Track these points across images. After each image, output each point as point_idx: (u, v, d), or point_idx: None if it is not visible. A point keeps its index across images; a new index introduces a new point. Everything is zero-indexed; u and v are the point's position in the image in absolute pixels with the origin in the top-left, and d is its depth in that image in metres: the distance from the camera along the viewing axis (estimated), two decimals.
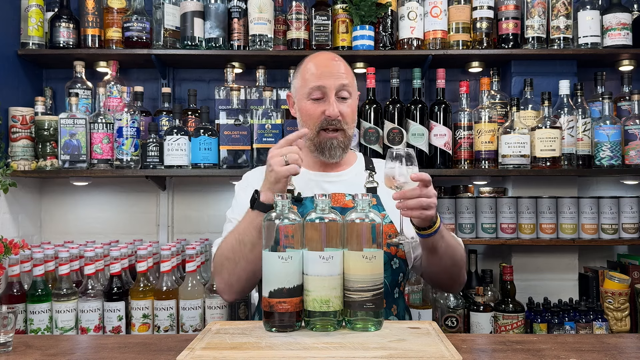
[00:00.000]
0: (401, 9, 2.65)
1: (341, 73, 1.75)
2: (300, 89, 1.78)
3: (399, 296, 1.76)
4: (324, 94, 1.73)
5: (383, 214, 1.73)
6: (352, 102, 1.77)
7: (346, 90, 1.74)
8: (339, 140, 1.74)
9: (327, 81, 1.72)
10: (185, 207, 2.94)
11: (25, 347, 1.40)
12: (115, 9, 2.63)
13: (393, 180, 1.49)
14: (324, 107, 1.72)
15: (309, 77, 1.75)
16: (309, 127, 1.75)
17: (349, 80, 1.76)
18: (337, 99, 1.73)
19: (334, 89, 1.72)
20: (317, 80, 1.73)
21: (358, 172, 1.84)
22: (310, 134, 1.75)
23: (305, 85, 1.76)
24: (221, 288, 1.69)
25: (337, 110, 1.71)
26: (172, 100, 2.80)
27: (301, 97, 1.77)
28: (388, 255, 1.68)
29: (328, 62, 1.78)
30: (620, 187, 2.93)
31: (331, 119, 1.71)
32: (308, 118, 1.75)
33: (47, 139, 2.55)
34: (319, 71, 1.74)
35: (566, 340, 1.43)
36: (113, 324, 2.25)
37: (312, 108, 1.74)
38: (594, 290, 2.64)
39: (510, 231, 2.65)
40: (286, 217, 1.38)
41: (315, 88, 1.73)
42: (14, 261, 2.15)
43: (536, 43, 2.62)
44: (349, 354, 1.20)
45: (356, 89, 1.82)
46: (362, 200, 1.39)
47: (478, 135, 2.59)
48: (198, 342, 1.29)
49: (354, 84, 1.81)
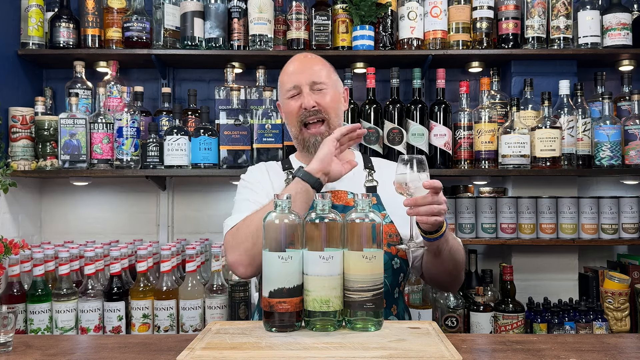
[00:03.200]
0: (401, 9, 2.65)
1: (314, 69, 1.82)
2: (280, 92, 1.88)
3: (399, 296, 1.76)
4: (299, 89, 1.79)
5: (383, 213, 1.73)
6: (330, 92, 1.80)
7: (320, 84, 1.79)
8: (323, 135, 1.77)
9: (299, 77, 1.79)
10: (185, 207, 2.94)
11: (25, 347, 1.40)
12: (115, 9, 2.63)
13: (405, 186, 1.48)
14: (301, 101, 1.78)
15: (285, 79, 1.85)
16: (292, 126, 1.83)
17: (323, 74, 1.81)
18: (313, 91, 1.78)
19: (307, 85, 1.79)
20: (291, 78, 1.81)
21: (357, 170, 1.84)
22: (295, 131, 1.82)
23: (283, 86, 1.85)
24: (240, 260, 1.61)
25: (312, 100, 1.76)
26: (172, 100, 2.80)
27: (282, 98, 1.86)
28: (389, 255, 1.68)
29: (300, 60, 1.87)
30: (620, 187, 2.93)
31: (307, 111, 1.76)
32: (289, 115, 1.83)
33: (47, 139, 2.55)
34: (292, 69, 1.84)
35: (566, 340, 1.43)
36: (113, 324, 2.25)
37: (291, 105, 1.81)
38: (594, 290, 2.64)
39: (510, 231, 2.65)
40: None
41: (290, 87, 1.81)
42: (14, 261, 2.15)
43: (536, 43, 2.62)
44: (349, 354, 1.20)
45: (336, 82, 1.85)
46: (362, 200, 1.39)
47: (478, 135, 2.59)
48: (198, 342, 1.29)
49: (332, 77, 1.84)
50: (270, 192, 1.77)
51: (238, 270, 1.64)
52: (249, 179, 1.86)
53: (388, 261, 1.68)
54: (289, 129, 1.87)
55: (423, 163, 1.49)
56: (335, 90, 1.83)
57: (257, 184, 1.82)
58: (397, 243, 1.71)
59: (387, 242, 1.69)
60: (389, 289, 1.68)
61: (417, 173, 1.48)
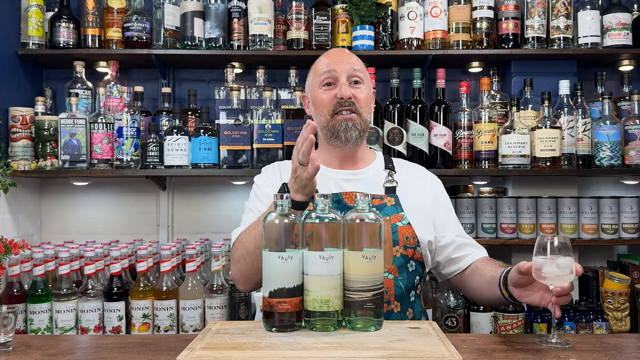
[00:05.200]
0: (401, 9, 2.65)
1: (352, 60, 1.77)
2: (312, 82, 1.80)
3: (415, 299, 1.72)
4: (335, 79, 1.73)
5: (401, 214, 1.70)
6: (366, 89, 1.76)
7: (358, 76, 1.74)
8: (354, 121, 1.71)
9: (338, 66, 1.73)
10: (185, 207, 2.94)
11: (25, 347, 1.40)
12: (115, 9, 2.63)
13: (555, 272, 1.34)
14: (336, 92, 1.71)
15: (320, 67, 1.77)
16: (322, 115, 1.73)
17: (360, 67, 1.76)
18: (350, 83, 1.73)
19: (344, 73, 1.72)
20: (328, 66, 1.74)
21: (377, 170, 1.81)
22: (324, 121, 1.73)
23: (316, 75, 1.77)
24: (237, 278, 1.66)
25: (349, 92, 1.70)
26: (172, 100, 2.80)
27: (314, 88, 1.78)
28: (405, 257, 1.66)
29: (339, 51, 1.84)
30: (620, 187, 2.93)
31: (343, 101, 1.70)
32: (321, 105, 1.74)
33: (47, 139, 2.55)
34: (329, 60, 1.77)
35: (565, 340, 1.43)
36: (113, 324, 2.25)
37: (324, 94, 1.73)
38: (594, 290, 2.64)
39: (510, 231, 2.65)
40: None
41: (326, 74, 1.73)
42: (14, 261, 2.15)
43: (536, 43, 2.62)
44: (349, 354, 1.20)
45: (370, 83, 1.82)
46: (362, 200, 1.39)
47: (478, 135, 2.59)
48: (198, 342, 1.29)
49: (367, 76, 1.81)
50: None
51: (237, 286, 1.70)
52: (259, 183, 1.83)
53: (404, 263, 1.66)
54: (317, 119, 1.77)
55: (568, 247, 1.36)
56: (369, 88, 1.79)
57: (265, 190, 1.78)
58: (414, 246, 1.68)
59: (403, 244, 1.66)
60: (403, 291, 1.66)
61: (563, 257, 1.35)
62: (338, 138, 1.72)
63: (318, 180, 1.71)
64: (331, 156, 1.80)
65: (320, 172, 1.76)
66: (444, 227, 1.77)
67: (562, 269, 1.35)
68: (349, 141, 1.72)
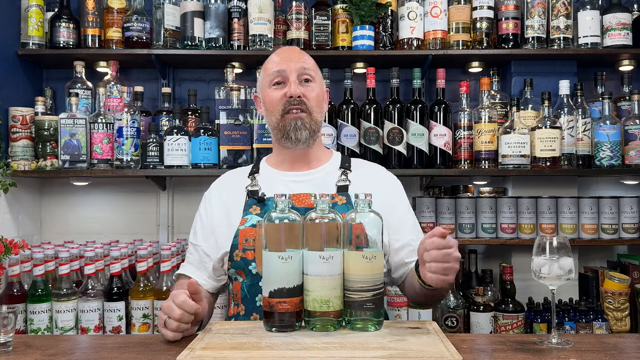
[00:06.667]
0: (401, 9, 2.65)
1: (303, 58, 1.74)
2: (263, 80, 1.77)
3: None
4: (285, 78, 1.70)
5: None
6: (317, 88, 1.73)
7: (308, 74, 1.72)
8: (304, 120, 1.68)
9: (287, 64, 1.70)
10: (185, 207, 2.94)
11: (25, 347, 1.40)
12: (115, 9, 2.63)
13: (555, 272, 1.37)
14: (285, 90, 1.69)
15: (270, 66, 1.75)
16: (273, 115, 1.71)
17: (310, 66, 1.74)
18: (300, 82, 1.70)
19: (294, 72, 1.70)
20: (277, 65, 1.72)
21: (330, 170, 1.77)
22: (274, 120, 1.71)
23: (267, 74, 1.75)
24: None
25: (299, 90, 1.68)
26: (172, 100, 2.80)
27: (264, 87, 1.75)
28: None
29: (289, 49, 1.82)
30: (620, 187, 2.93)
31: (292, 99, 1.67)
32: (271, 104, 1.71)
33: (47, 139, 2.55)
34: (280, 58, 1.74)
35: (566, 340, 1.43)
36: (113, 324, 2.25)
37: (274, 93, 1.71)
38: (594, 290, 2.64)
39: (510, 231, 2.65)
40: (286, 217, 1.38)
41: (275, 73, 1.71)
42: (14, 261, 2.15)
43: (536, 43, 2.62)
44: (349, 354, 1.20)
45: (322, 82, 1.79)
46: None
47: (478, 135, 2.59)
48: (198, 342, 1.29)
49: (319, 74, 1.78)
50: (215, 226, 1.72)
51: None
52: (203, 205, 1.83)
53: None
54: (268, 120, 1.75)
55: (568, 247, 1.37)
56: (320, 87, 1.75)
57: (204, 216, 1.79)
58: (364, 245, 1.60)
59: (355, 243, 1.59)
60: None
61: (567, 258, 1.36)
62: (288, 138, 1.69)
63: (267, 182, 1.74)
64: (283, 158, 1.78)
65: (270, 174, 1.78)
66: (398, 230, 1.70)
67: (561, 269, 1.35)
68: (299, 141, 1.69)
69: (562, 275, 1.36)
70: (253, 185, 1.74)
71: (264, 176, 1.77)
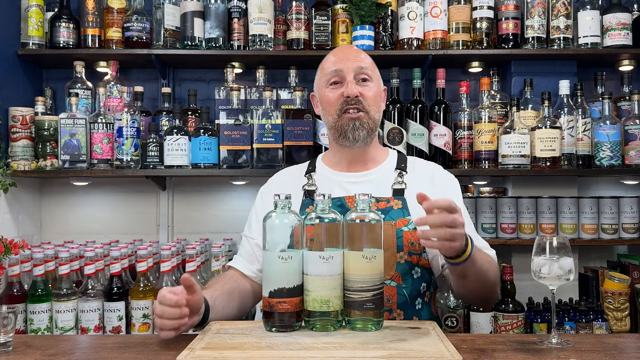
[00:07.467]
0: (401, 9, 2.65)
1: (360, 57, 1.74)
2: (319, 80, 1.78)
3: (423, 307, 1.65)
4: (342, 77, 1.71)
5: (407, 219, 1.65)
6: (374, 87, 1.73)
7: (365, 74, 1.72)
8: (362, 120, 1.68)
9: (344, 64, 1.71)
10: (185, 207, 2.94)
11: (25, 347, 1.40)
12: (115, 9, 2.63)
13: (555, 272, 1.36)
14: (343, 90, 1.69)
15: (327, 66, 1.75)
16: (330, 115, 1.72)
17: (367, 65, 1.73)
18: (357, 81, 1.70)
19: (351, 71, 1.70)
20: (334, 65, 1.72)
21: (386, 171, 1.76)
22: (331, 120, 1.71)
23: (323, 74, 1.75)
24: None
25: (356, 90, 1.68)
26: (172, 100, 2.80)
27: (321, 87, 1.76)
28: (409, 264, 1.61)
29: (346, 48, 1.82)
30: (620, 187, 2.93)
31: (350, 99, 1.67)
32: (328, 104, 1.72)
33: (47, 139, 2.55)
34: (336, 57, 1.75)
35: (566, 340, 1.43)
36: (113, 324, 2.24)
37: (331, 93, 1.71)
38: (594, 290, 2.64)
39: (510, 231, 2.65)
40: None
41: (332, 73, 1.71)
42: (14, 261, 2.15)
43: (536, 43, 2.62)
44: (349, 354, 1.20)
45: (380, 80, 1.79)
46: (362, 200, 1.39)
47: (478, 135, 2.59)
48: (198, 342, 1.29)
49: (376, 73, 1.78)
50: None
51: None
52: (258, 200, 1.84)
53: (408, 270, 1.61)
54: (325, 119, 1.76)
55: (568, 247, 1.37)
56: (378, 86, 1.76)
57: (260, 211, 1.78)
58: (420, 252, 1.63)
59: (408, 250, 1.61)
60: (407, 299, 1.61)
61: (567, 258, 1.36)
62: (346, 137, 1.69)
63: (324, 182, 1.74)
64: (340, 158, 1.78)
65: (326, 174, 1.77)
66: None
67: (561, 269, 1.35)
68: (357, 140, 1.69)
69: (562, 275, 1.36)
70: (310, 185, 1.75)
71: (321, 176, 1.78)
